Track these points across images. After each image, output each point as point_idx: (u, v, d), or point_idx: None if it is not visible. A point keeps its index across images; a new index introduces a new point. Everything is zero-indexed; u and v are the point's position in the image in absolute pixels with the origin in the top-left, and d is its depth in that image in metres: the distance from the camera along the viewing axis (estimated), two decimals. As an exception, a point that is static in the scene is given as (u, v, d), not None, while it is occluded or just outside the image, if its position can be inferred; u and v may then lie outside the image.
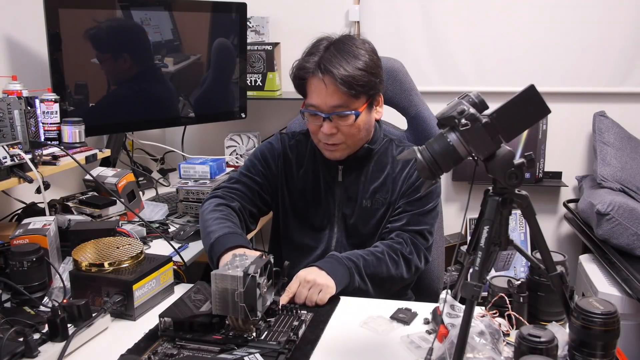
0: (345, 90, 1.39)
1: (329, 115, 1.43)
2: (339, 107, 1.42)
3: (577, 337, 0.95)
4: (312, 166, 1.58)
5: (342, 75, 1.39)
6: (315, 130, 1.48)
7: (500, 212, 0.95)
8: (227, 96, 2.41)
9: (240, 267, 1.11)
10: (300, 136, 1.63)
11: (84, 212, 1.73)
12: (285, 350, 1.05)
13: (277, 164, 1.59)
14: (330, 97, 1.42)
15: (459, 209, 2.78)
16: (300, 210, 1.58)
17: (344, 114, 1.43)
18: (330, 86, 1.40)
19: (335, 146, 1.48)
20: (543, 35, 2.63)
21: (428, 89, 2.53)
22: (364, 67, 1.41)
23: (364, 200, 1.53)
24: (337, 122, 1.44)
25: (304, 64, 1.46)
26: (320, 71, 1.41)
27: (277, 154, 1.59)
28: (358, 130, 1.47)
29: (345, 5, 2.67)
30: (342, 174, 1.54)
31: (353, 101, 1.43)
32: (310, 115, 1.48)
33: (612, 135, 2.51)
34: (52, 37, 1.79)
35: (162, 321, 1.13)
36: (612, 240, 2.16)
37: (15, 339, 1.04)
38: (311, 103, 1.46)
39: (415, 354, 1.08)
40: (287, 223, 1.59)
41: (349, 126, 1.44)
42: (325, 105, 1.43)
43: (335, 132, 1.45)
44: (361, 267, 1.38)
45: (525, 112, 0.92)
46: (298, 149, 1.60)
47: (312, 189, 1.56)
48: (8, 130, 1.54)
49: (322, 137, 1.47)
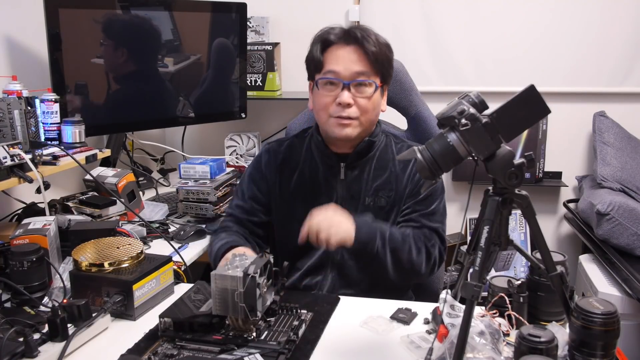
0: (371, 58, 1.40)
1: (349, 83, 1.41)
2: (361, 75, 1.42)
3: (577, 337, 0.95)
4: (310, 166, 1.54)
5: (370, 42, 1.40)
6: (328, 103, 1.44)
7: (500, 212, 0.95)
8: (227, 96, 2.41)
9: (240, 267, 1.11)
10: (293, 139, 1.60)
11: (84, 212, 1.73)
12: (285, 350, 1.05)
13: (267, 178, 1.56)
14: (355, 64, 1.41)
15: (459, 209, 2.78)
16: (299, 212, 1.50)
17: (366, 82, 1.42)
18: (357, 52, 1.41)
19: (349, 120, 1.43)
20: (543, 35, 2.63)
21: (428, 89, 2.53)
22: (387, 44, 1.46)
23: (366, 198, 1.50)
24: (355, 93, 1.42)
25: (329, 31, 1.45)
26: (349, 36, 1.42)
27: (263, 171, 1.56)
28: (373, 107, 1.45)
29: (345, 5, 2.67)
30: (344, 171, 1.51)
31: (372, 74, 1.43)
32: (326, 84, 1.44)
33: (612, 135, 2.51)
34: (52, 37, 1.79)
35: (162, 321, 1.13)
36: (612, 240, 2.16)
37: (15, 339, 1.04)
38: (331, 69, 1.43)
39: (415, 354, 1.08)
40: (285, 228, 1.55)
41: (366, 99, 1.43)
42: (348, 72, 1.41)
43: (352, 104, 1.42)
44: (386, 235, 1.39)
45: (525, 112, 0.92)
46: (291, 153, 1.57)
47: (311, 190, 1.53)
48: (8, 130, 1.54)
49: (335, 110, 1.43)
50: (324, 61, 1.45)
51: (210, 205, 1.91)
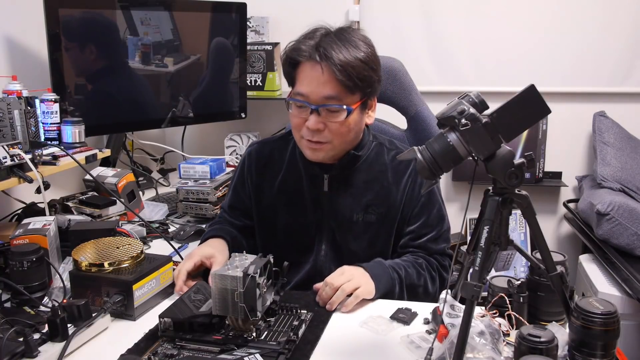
0: (342, 80, 1.26)
1: (317, 108, 1.29)
2: (331, 100, 1.28)
3: (577, 337, 0.95)
4: (293, 173, 1.45)
5: (341, 61, 1.25)
6: (299, 124, 1.33)
7: (500, 212, 0.95)
8: (227, 96, 2.41)
9: (240, 267, 1.11)
10: (278, 142, 1.50)
11: (84, 212, 1.73)
12: (285, 351, 1.05)
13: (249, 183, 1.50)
14: (323, 87, 1.28)
15: (459, 209, 2.78)
16: (281, 224, 1.47)
17: (335, 107, 1.29)
18: (326, 73, 1.26)
19: (319, 144, 1.33)
20: (543, 35, 2.63)
21: (428, 89, 2.53)
22: (365, 59, 1.29)
23: (354, 214, 1.41)
24: (326, 117, 1.30)
25: (299, 45, 1.32)
26: (317, 55, 1.27)
27: (245, 175, 1.50)
28: (348, 130, 1.33)
29: (345, 5, 2.67)
30: (328, 183, 1.42)
31: (347, 95, 1.29)
32: (296, 106, 1.33)
33: (612, 135, 2.51)
34: (52, 37, 1.79)
35: (162, 321, 1.13)
36: (612, 240, 2.16)
37: (15, 339, 1.04)
38: (299, 91, 1.31)
39: (415, 354, 1.08)
40: (268, 240, 1.49)
41: (338, 123, 1.31)
42: (316, 95, 1.29)
43: (322, 129, 1.31)
44: (403, 278, 1.33)
45: (525, 112, 0.92)
46: (273, 157, 1.48)
47: (294, 201, 1.45)
48: (8, 130, 1.54)
49: (305, 133, 1.33)
50: (296, 78, 1.34)
51: (210, 205, 1.91)
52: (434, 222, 1.44)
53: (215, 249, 1.39)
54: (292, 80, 1.36)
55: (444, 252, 1.45)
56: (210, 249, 1.39)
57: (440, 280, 1.42)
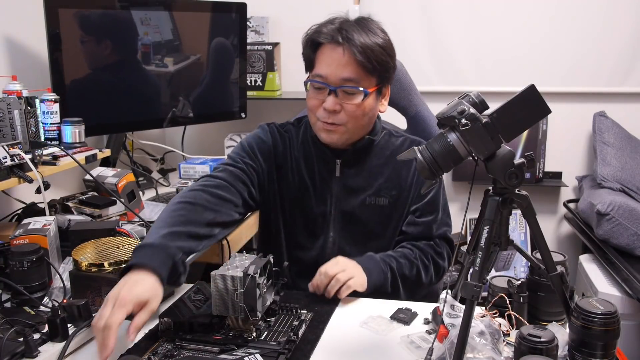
0: (362, 62, 1.30)
1: (336, 89, 1.32)
2: (349, 82, 1.32)
3: (577, 337, 0.95)
4: (305, 159, 1.46)
5: (362, 44, 1.30)
6: (316, 106, 1.36)
7: (500, 212, 0.95)
8: (227, 96, 2.41)
9: (239, 267, 1.11)
10: (289, 126, 1.51)
11: (84, 212, 1.72)
12: (285, 351, 1.05)
13: (268, 160, 1.46)
14: (343, 68, 1.32)
15: (459, 209, 2.78)
16: (291, 209, 1.47)
17: (352, 89, 1.33)
18: (347, 55, 1.31)
19: (335, 126, 1.36)
20: (543, 35, 2.63)
21: (428, 89, 2.53)
22: (384, 45, 1.35)
23: (367, 197, 1.44)
24: (343, 99, 1.33)
25: (321, 28, 1.36)
26: (340, 37, 1.32)
27: (267, 149, 1.46)
28: (363, 113, 1.36)
29: (345, 5, 2.67)
30: (339, 169, 1.44)
31: (365, 78, 1.33)
32: (314, 87, 1.36)
33: (612, 135, 2.51)
34: (52, 37, 1.79)
35: (162, 321, 1.13)
36: (612, 240, 2.16)
37: (15, 339, 1.04)
38: (319, 73, 1.34)
39: (415, 354, 1.08)
40: (277, 223, 1.49)
41: (355, 106, 1.34)
42: (335, 77, 1.32)
43: (338, 110, 1.34)
44: (395, 270, 1.35)
45: (525, 112, 0.92)
46: (289, 140, 1.48)
47: (305, 185, 1.45)
48: (8, 130, 1.54)
49: (322, 114, 1.35)
50: (315, 61, 1.37)
51: (210, 205, 1.90)
52: (437, 203, 1.47)
53: (150, 292, 1.08)
54: (311, 62, 1.39)
55: (444, 235, 1.47)
56: (145, 292, 1.07)
57: (435, 269, 1.43)
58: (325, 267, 1.29)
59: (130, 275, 1.09)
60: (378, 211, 1.45)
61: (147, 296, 1.06)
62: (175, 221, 1.24)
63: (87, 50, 1.92)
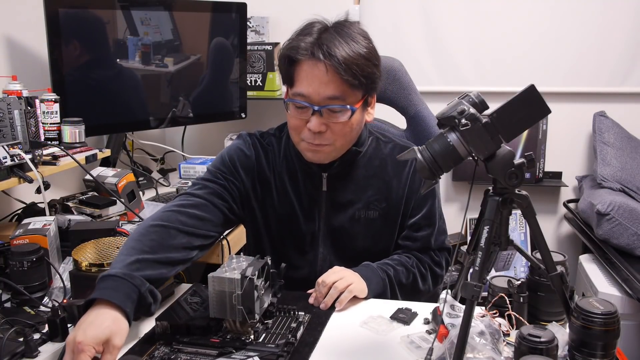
0: (346, 78, 1.19)
1: (320, 109, 1.22)
2: (334, 100, 1.22)
3: (577, 337, 0.95)
4: (289, 175, 1.37)
5: (345, 59, 1.18)
6: (299, 126, 1.26)
7: (500, 212, 0.95)
8: (227, 96, 2.41)
9: (237, 269, 1.10)
10: (271, 138, 1.40)
11: (84, 212, 1.73)
12: (284, 353, 1.05)
13: (250, 175, 1.36)
14: (326, 86, 1.20)
15: (459, 209, 2.78)
16: (279, 228, 1.39)
17: (339, 107, 1.23)
18: (330, 72, 1.19)
19: (320, 147, 1.27)
20: (543, 35, 2.63)
21: (428, 89, 2.53)
22: (368, 55, 1.23)
23: (356, 211, 1.37)
24: (329, 118, 1.23)
25: (298, 43, 1.23)
26: (321, 53, 1.19)
27: (250, 165, 1.36)
28: (350, 130, 1.27)
29: (345, 5, 2.67)
30: (326, 183, 1.36)
31: (351, 95, 1.23)
32: (296, 107, 1.25)
33: (612, 135, 2.51)
34: (52, 37, 1.79)
35: (159, 324, 1.12)
36: (612, 240, 2.16)
37: (15, 339, 1.04)
38: (300, 92, 1.23)
39: (415, 354, 1.08)
40: (261, 241, 1.41)
41: (341, 124, 1.24)
42: (318, 96, 1.21)
43: (324, 130, 1.24)
44: (392, 277, 1.34)
45: (525, 112, 0.92)
46: (272, 154, 1.38)
47: (290, 203, 1.37)
48: (8, 130, 1.54)
49: (307, 135, 1.26)
50: (295, 77, 1.25)
51: (210, 205, 1.90)
52: (434, 215, 1.44)
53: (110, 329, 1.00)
54: (290, 79, 1.27)
55: (442, 245, 1.46)
56: (103, 331, 0.98)
57: (433, 277, 1.43)
58: (323, 277, 1.27)
59: (90, 312, 1.02)
60: (368, 225, 1.39)
61: (106, 334, 0.98)
62: (144, 247, 1.15)
63: (87, 50, 1.92)
